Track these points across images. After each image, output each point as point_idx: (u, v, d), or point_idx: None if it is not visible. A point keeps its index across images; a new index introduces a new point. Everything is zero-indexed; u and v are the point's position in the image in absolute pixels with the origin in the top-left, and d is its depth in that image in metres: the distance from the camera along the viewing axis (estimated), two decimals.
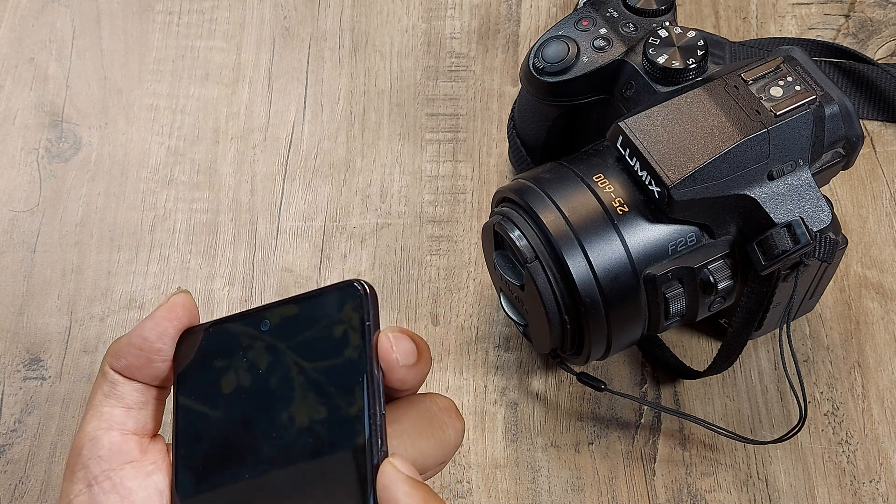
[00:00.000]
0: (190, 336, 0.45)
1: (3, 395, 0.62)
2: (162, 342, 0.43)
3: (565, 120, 0.60)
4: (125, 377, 0.43)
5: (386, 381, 0.41)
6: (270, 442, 0.42)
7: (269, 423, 0.42)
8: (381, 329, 0.42)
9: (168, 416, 0.45)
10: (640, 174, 0.52)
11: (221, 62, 0.75)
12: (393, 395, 0.43)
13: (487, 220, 0.57)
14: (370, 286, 0.42)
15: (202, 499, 0.42)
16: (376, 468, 0.39)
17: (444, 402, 0.44)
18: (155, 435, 0.45)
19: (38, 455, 0.60)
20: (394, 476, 0.39)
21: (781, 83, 0.52)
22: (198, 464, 0.43)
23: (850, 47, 0.71)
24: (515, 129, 0.66)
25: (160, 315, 0.44)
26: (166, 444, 0.44)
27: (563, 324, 0.53)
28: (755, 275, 0.52)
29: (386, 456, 0.40)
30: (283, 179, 0.70)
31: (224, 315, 0.47)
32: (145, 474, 0.42)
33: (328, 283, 0.46)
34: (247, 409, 0.43)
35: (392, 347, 0.41)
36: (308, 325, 0.43)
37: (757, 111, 0.51)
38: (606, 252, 0.51)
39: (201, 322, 0.45)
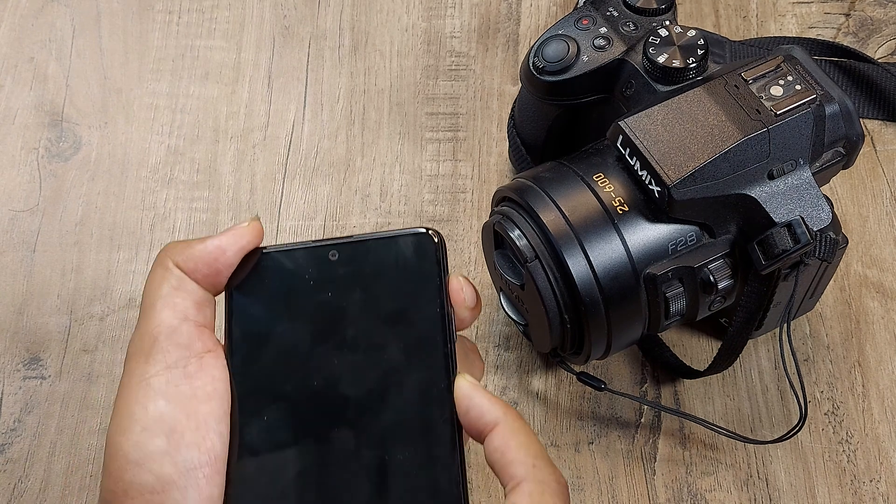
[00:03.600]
0: (249, 256, 0.45)
1: (2, 394, 0.62)
2: (235, 257, 0.44)
3: (565, 119, 0.60)
4: (189, 277, 0.44)
5: None
6: (341, 364, 0.43)
7: (339, 346, 0.44)
8: (451, 273, 0.45)
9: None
10: (640, 174, 0.52)
11: (221, 61, 0.75)
12: None
13: (487, 219, 0.57)
14: (441, 234, 0.45)
15: (265, 421, 0.43)
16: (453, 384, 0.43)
17: (472, 344, 0.48)
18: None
19: (37, 454, 0.60)
20: (472, 387, 0.43)
21: (782, 82, 0.52)
22: (258, 384, 0.43)
23: (851, 46, 0.71)
24: (515, 128, 0.66)
25: (239, 232, 0.45)
26: None
27: (563, 323, 0.53)
28: (755, 274, 0.52)
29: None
30: (283, 178, 0.70)
31: None
32: (221, 367, 0.43)
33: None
34: (312, 331, 0.44)
35: (462, 289, 0.45)
36: (379, 261, 0.45)
37: (757, 110, 0.51)
38: (606, 251, 0.51)
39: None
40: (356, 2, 0.77)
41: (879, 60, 0.72)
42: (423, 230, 0.45)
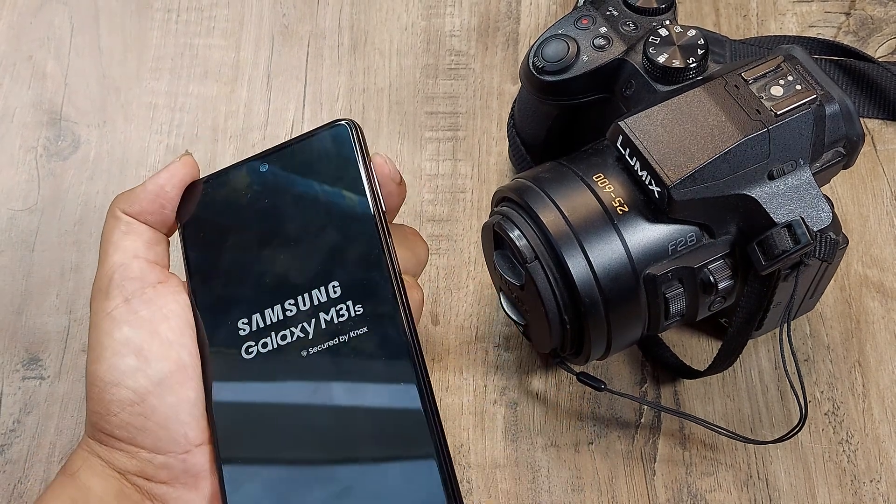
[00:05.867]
0: (192, 189, 0.50)
1: (1, 394, 0.62)
2: (175, 191, 0.49)
3: (565, 119, 0.60)
4: (138, 221, 0.49)
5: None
6: (288, 256, 0.48)
7: (284, 243, 0.48)
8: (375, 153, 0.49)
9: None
10: (640, 174, 0.52)
11: (220, 60, 0.75)
12: None
13: (487, 219, 0.56)
14: (356, 122, 0.49)
15: (229, 325, 0.47)
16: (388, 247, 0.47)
17: (412, 229, 0.52)
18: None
19: (37, 455, 0.60)
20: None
21: (782, 82, 0.52)
22: (217, 295, 0.48)
23: (851, 45, 0.71)
24: (515, 127, 0.66)
25: (173, 168, 0.49)
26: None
27: (563, 324, 0.53)
28: (755, 275, 0.52)
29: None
30: None
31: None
32: (175, 292, 0.48)
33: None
34: (257, 237, 0.48)
35: (386, 163, 0.49)
36: (306, 160, 0.49)
37: (757, 111, 0.51)
38: (606, 252, 0.51)
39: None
40: (355, 0, 0.77)
41: (880, 59, 0.71)
42: (337, 121, 0.49)
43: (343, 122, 0.49)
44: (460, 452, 0.59)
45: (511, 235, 0.53)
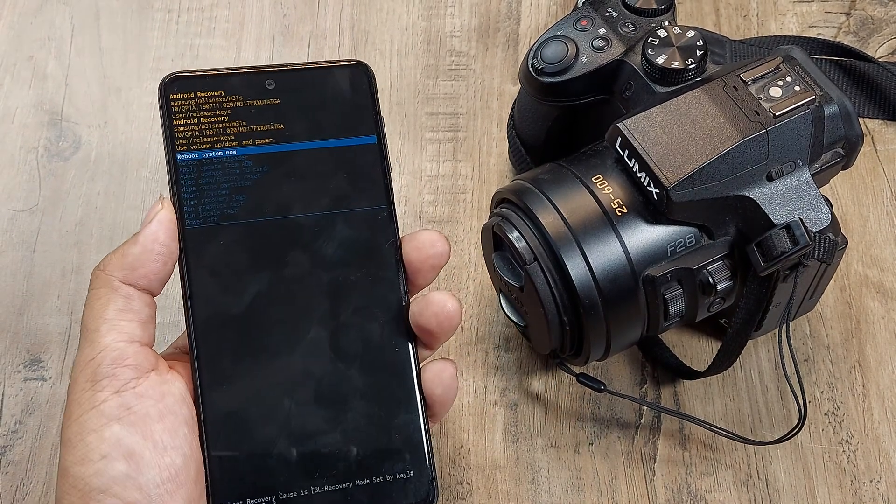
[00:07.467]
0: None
1: (3, 395, 0.62)
2: (174, 243, 0.46)
3: (565, 120, 0.60)
4: (138, 290, 0.45)
5: None
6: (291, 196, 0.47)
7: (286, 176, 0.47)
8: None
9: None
10: (638, 175, 0.52)
11: (221, 60, 0.75)
12: None
13: (487, 221, 0.57)
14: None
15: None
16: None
17: None
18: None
19: (39, 457, 0.60)
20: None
21: (780, 83, 0.52)
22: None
23: (851, 45, 0.71)
24: (515, 128, 0.66)
25: (166, 217, 0.46)
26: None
27: (563, 325, 0.53)
28: (754, 276, 0.52)
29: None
30: None
31: None
32: (168, 380, 0.44)
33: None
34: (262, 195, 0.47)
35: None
36: (315, 96, 0.48)
37: (756, 112, 0.51)
38: (605, 253, 0.51)
39: None
40: (356, 1, 0.77)
41: (880, 60, 0.71)
42: (358, 63, 0.49)
43: (366, 64, 0.49)
44: (460, 454, 0.59)
45: (510, 237, 0.53)
